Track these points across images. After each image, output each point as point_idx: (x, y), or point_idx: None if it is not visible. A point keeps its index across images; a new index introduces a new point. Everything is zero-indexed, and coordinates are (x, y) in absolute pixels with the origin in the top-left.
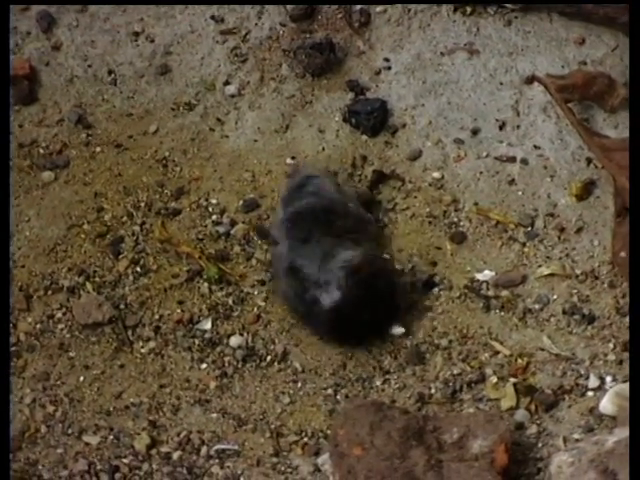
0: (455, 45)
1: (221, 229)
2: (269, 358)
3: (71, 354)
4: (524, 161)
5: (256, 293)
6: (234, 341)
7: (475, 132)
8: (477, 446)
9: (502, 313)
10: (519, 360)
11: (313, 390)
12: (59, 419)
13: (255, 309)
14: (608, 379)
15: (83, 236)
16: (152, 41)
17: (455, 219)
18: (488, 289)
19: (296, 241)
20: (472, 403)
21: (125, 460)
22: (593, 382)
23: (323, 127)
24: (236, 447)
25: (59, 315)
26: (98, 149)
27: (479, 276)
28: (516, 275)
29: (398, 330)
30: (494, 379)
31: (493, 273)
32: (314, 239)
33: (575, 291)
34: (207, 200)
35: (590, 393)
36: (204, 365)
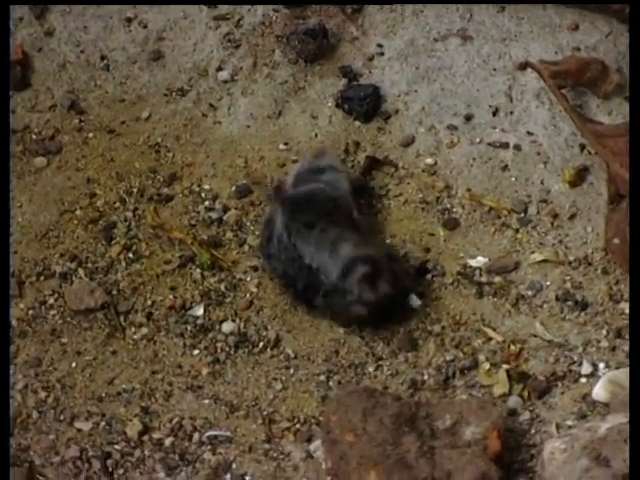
0: (448, 31)
1: (213, 215)
2: (261, 344)
3: (63, 340)
4: (517, 147)
5: (248, 279)
6: (226, 327)
7: (468, 118)
8: (470, 433)
9: (495, 299)
10: (512, 346)
11: (305, 376)
12: (51, 405)
13: (247, 295)
14: (601, 366)
15: (75, 222)
16: (145, 27)
17: (448, 205)
18: (481, 275)
19: (300, 225)
20: (465, 390)
21: (117, 446)
22: (586, 369)
23: (316, 113)
24: (228, 433)
25: (51, 301)
26: (91, 135)
27: (472, 262)
28: (509, 261)
29: (415, 302)
30: (487, 365)
31: (486, 259)
32: (318, 226)
33: (568, 277)
34: (200, 186)
35: (583, 380)
36: (196, 351)
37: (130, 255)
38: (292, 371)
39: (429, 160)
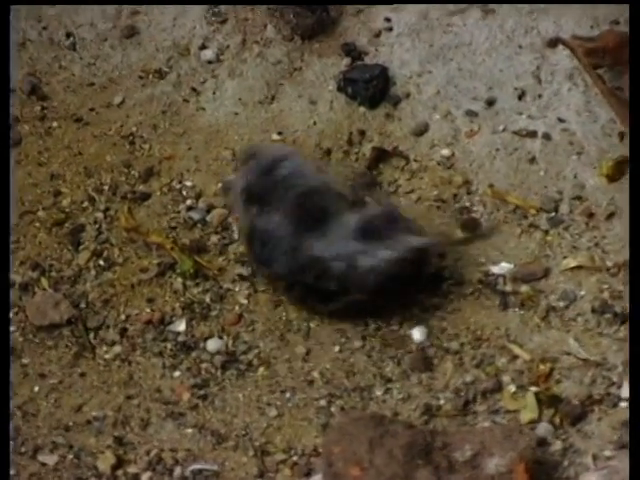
0: (467, 3)
1: (196, 216)
2: (253, 364)
3: (24, 361)
4: (546, 136)
5: (237, 289)
6: (212, 345)
7: (490, 103)
8: (493, 465)
9: (522, 312)
10: (541, 366)
11: (303, 401)
12: (11, 436)
13: (236, 308)
14: None
15: (38, 224)
16: (96, 3)
17: (467, 203)
18: (505, 284)
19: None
20: (487, 416)
21: None
22: (627, 391)
23: (315, 98)
24: (215, 467)
25: (10, 315)
26: (55, 124)
27: (495, 269)
28: (538, 268)
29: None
30: (512, 388)
31: (511, 266)
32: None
33: (606, 286)
34: (180, 182)
35: (623, 404)
36: (177, 373)
37: (101, 262)
38: (288, 395)
39: (445, 151)
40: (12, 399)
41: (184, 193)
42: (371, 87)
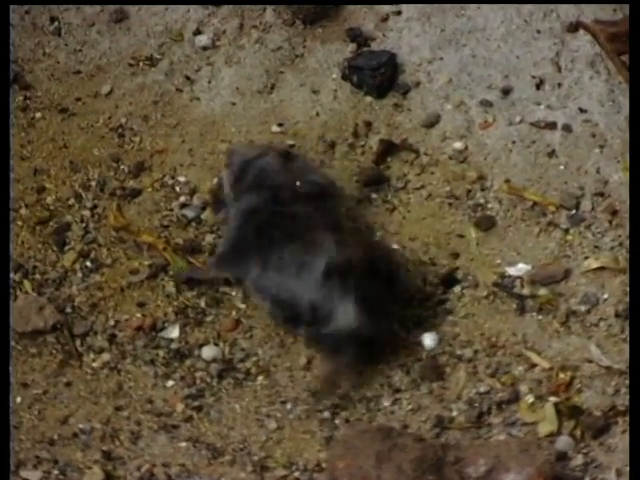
0: None
1: (191, 213)
2: (251, 373)
3: None
4: (567, 128)
5: (234, 293)
6: (207, 352)
7: (506, 92)
8: None
9: (540, 316)
10: (561, 375)
11: (306, 413)
12: None
13: (233, 313)
14: None
15: (20, 223)
16: (90, 4)
17: (481, 200)
18: (522, 287)
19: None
20: (503, 428)
21: None
22: None
23: (317, 87)
24: None
25: None
26: (38, 115)
27: (511, 271)
28: (557, 269)
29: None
30: (530, 398)
31: (529, 267)
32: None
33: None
34: (173, 178)
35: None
36: (170, 382)
37: (88, 264)
38: (289, 406)
39: (458, 144)
40: None
41: (177, 189)
42: (378, 75)
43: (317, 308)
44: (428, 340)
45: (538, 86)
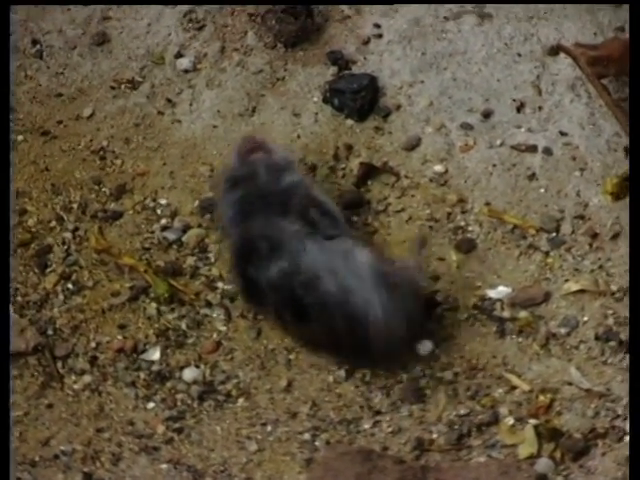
0: (462, 7)
1: (172, 236)
2: (232, 395)
3: None
4: (547, 151)
5: (215, 315)
6: (188, 374)
7: (487, 115)
8: None
9: (520, 339)
10: (541, 397)
11: (286, 435)
12: None
13: (214, 335)
14: None
15: None
16: (87, 4)
17: (462, 223)
18: (503, 309)
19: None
20: (483, 450)
21: None
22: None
23: (298, 110)
24: None
25: None
26: (20, 137)
27: (491, 293)
28: (537, 292)
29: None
30: (510, 421)
31: (509, 290)
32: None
33: (610, 312)
34: (155, 200)
35: (629, 438)
36: (151, 404)
37: (69, 286)
38: (269, 428)
39: (438, 167)
40: None
41: (158, 212)
42: (359, 98)
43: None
44: (423, 349)
45: (519, 109)
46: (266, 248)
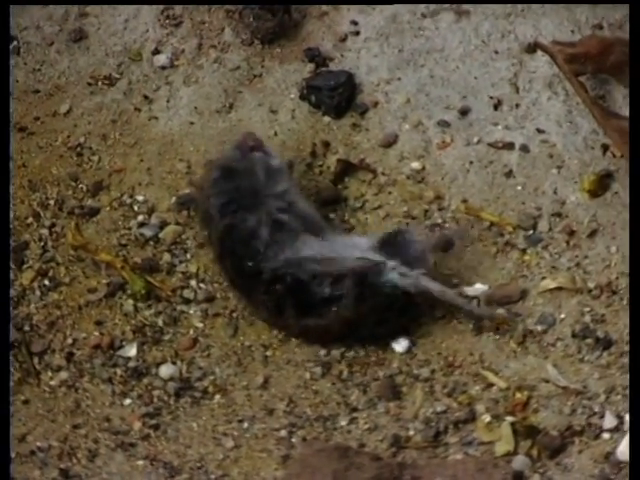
0: (439, 5)
1: (149, 232)
2: (208, 392)
3: None
4: (524, 148)
5: (192, 312)
6: (165, 371)
7: (464, 112)
8: None
9: (497, 336)
10: (518, 394)
11: (262, 431)
12: None
13: (191, 331)
14: (627, 418)
15: None
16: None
17: (439, 220)
18: (479, 307)
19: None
20: (459, 447)
21: None
22: (609, 422)
23: (276, 106)
24: None
25: None
26: None
27: (469, 291)
28: (514, 289)
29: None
30: (487, 418)
31: (486, 287)
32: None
33: (587, 309)
34: (132, 197)
35: (605, 435)
36: (128, 401)
37: (46, 282)
38: (246, 425)
39: (415, 164)
40: None
41: (135, 208)
42: (336, 95)
43: None
44: (399, 347)
45: (496, 107)
46: (265, 238)
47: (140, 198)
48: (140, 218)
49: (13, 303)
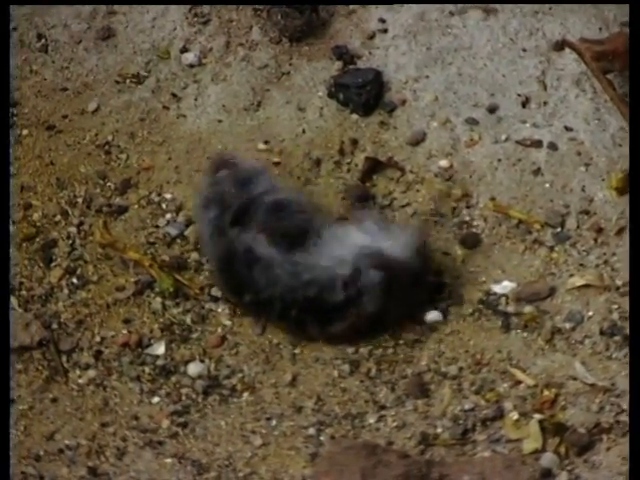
0: (467, 3)
1: (174, 231)
2: (236, 390)
3: None
4: (552, 146)
5: (220, 310)
6: (193, 369)
7: (492, 110)
8: None
9: (525, 334)
10: (546, 392)
11: (291, 429)
12: None
13: (219, 329)
14: None
15: None
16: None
17: (467, 218)
18: (508, 304)
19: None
20: (487, 445)
21: None
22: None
23: (304, 104)
24: None
25: None
26: (25, 132)
27: (496, 288)
28: (542, 287)
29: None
30: (515, 415)
31: (514, 284)
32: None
33: (615, 306)
34: (160, 195)
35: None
36: (156, 399)
37: (74, 280)
38: (274, 423)
39: (443, 162)
40: None
41: (164, 206)
42: (364, 93)
43: None
44: (430, 316)
45: (524, 104)
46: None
47: (168, 196)
48: (168, 216)
49: (41, 301)
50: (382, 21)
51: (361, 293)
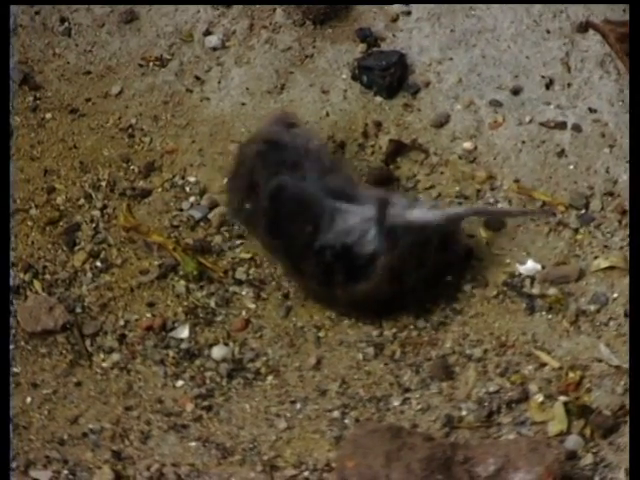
0: None
1: (198, 214)
2: (261, 373)
3: (16, 369)
4: (576, 128)
5: (244, 293)
6: (217, 352)
7: (516, 92)
8: None
9: (550, 316)
10: (570, 374)
11: (315, 412)
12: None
13: (243, 313)
14: None
15: (30, 223)
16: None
17: (491, 200)
18: (532, 286)
19: None
20: (512, 427)
21: None
22: None
23: (327, 87)
24: None
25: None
26: (48, 115)
27: (521, 270)
28: (567, 269)
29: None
30: (540, 398)
31: (538, 267)
32: None
33: None
34: (183, 178)
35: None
36: (180, 382)
37: (98, 264)
38: (299, 406)
39: (467, 144)
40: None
41: (187, 189)
42: (388, 75)
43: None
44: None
45: (548, 86)
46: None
47: (192, 179)
48: (192, 199)
49: (65, 285)
50: (406, 3)
51: (390, 249)
